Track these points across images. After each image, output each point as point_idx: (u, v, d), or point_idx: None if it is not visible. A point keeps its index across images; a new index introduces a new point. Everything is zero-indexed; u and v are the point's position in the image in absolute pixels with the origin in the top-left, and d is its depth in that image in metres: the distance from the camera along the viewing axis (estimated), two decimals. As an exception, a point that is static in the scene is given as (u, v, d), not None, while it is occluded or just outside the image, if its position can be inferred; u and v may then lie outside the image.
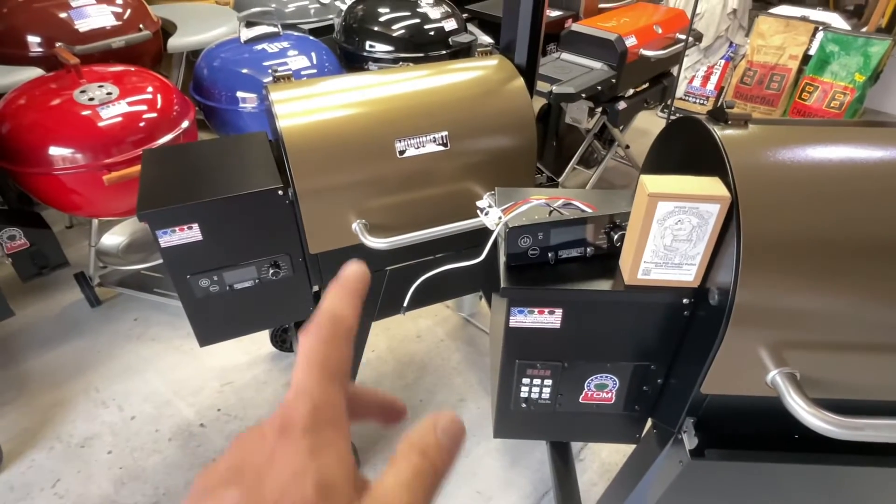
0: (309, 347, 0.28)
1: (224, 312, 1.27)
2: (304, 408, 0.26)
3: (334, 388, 0.28)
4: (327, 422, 0.26)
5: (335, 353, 0.29)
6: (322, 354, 0.28)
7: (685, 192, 0.73)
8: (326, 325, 0.29)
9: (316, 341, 0.29)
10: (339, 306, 0.31)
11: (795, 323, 0.74)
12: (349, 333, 0.30)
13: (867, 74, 3.06)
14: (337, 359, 0.28)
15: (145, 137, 1.73)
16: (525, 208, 0.90)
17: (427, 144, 1.19)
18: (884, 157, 0.76)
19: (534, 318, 0.86)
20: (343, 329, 0.30)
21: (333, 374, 0.28)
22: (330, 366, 0.28)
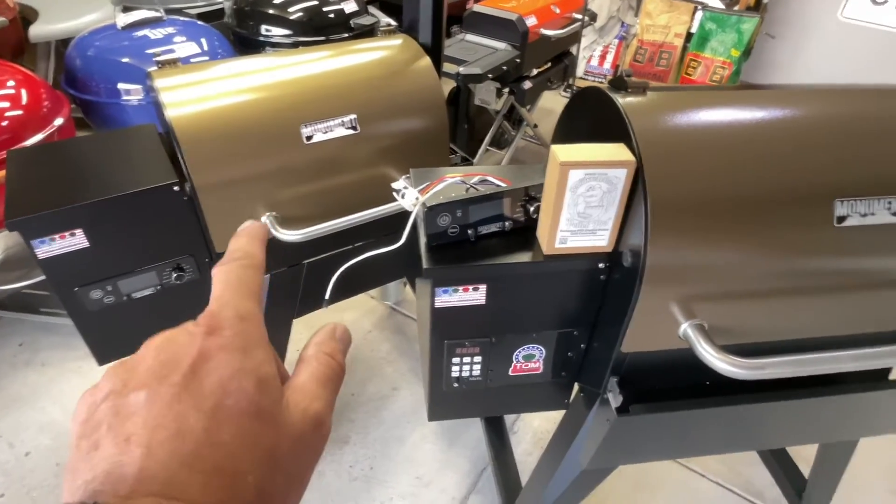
0: (226, 271, 0.31)
1: (124, 325, 1.15)
2: (229, 313, 0.28)
3: (254, 303, 0.30)
4: (252, 327, 0.28)
5: (251, 277, 0.31)
6: (238, 278, 0.30)
7: (594, 158, 0.74)
8: (238, 255, 0.32)
9: (232, 267, 0.31)
10: (246, 245, 0.33)
11: (701, 277, 0.78)
12: (260, 266, 0.32)
13: (741, 49, 3.35)
14: (253, 282, 0.31)
15: (10, 138, 1.52)
16: (441, 187, 0.89)
17: (336, 129, 1.14)
18: (770, 117, 0.82)
19: (459, 297, 0.86)
20: (255, 261, 0.32)
21: (251, 293, 0.30)
22: (247, 286, 0.30)
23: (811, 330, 0.89)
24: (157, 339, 0.27)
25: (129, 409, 0.24)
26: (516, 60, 2.18)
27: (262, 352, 0.28)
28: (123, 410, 0.24)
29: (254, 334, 0.28)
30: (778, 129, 0.81)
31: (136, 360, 0.26)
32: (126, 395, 0.24)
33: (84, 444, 0.24)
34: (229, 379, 0.25)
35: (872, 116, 0.85)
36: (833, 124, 0.83)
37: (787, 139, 0.80)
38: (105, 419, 0.24)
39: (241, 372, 0.26)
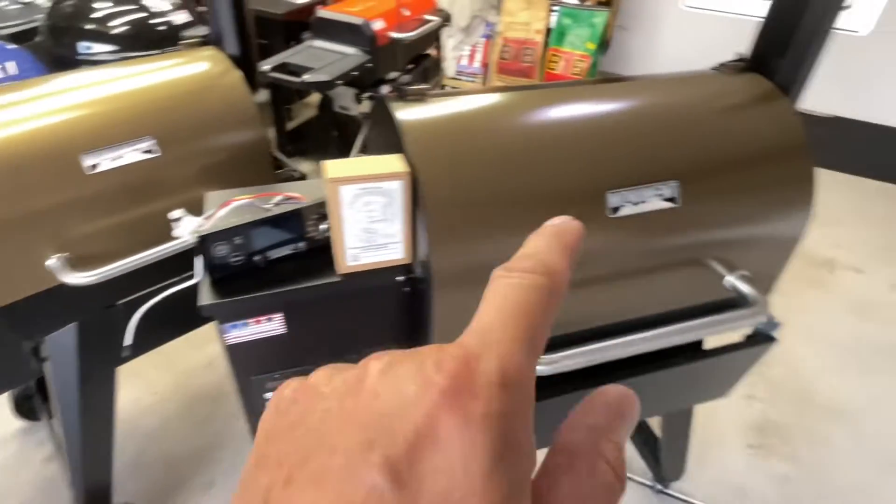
0: (507, 286, 0.21)
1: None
2: (491, 370, 0.18)
3: (530, 359, 0.20)
4: (517, 408, 0.18)
5: (539, 309, 0.21)
6: (523, 303, 0.20)
7: (365, 172, 0.72)
8: (534, 269, 0.22)
9: (519, 282, 0.21)
10: (553, 256, 0.23)
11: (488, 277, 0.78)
12: (560, 293, 0.22)
13: (596, 42, 3.54)
14: (540, 319, 0.21)
15: None
16: (225, 212, 0.82)
17: (127, 155, 1.03)
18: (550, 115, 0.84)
19: (253, 330, 0.80)
20: (556, 282, 0.22)
21: (532, 336, 0.20)
22: (530, 322, 0.20)
23: (617, 316, 0.92)
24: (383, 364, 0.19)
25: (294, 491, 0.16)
26: (368, 65, 2.15)
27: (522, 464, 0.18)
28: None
29: (517, 426, 0.18)
30: (553, 127, 0.83)
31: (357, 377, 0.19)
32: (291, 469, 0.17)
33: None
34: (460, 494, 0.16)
35: (644, 108, 0.89)
36: (605, 119, 0.86)
37: (561, 136, 0.82)
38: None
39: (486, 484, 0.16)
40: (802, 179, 0.91)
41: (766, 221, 0.91)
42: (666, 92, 0.93)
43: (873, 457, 1.73)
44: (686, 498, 1.60)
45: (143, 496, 1.50)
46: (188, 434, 1.69)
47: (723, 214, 0.87)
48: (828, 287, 2.37)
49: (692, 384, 1.13)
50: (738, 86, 0.95)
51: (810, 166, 0.90)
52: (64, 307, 1.09)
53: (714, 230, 0.87)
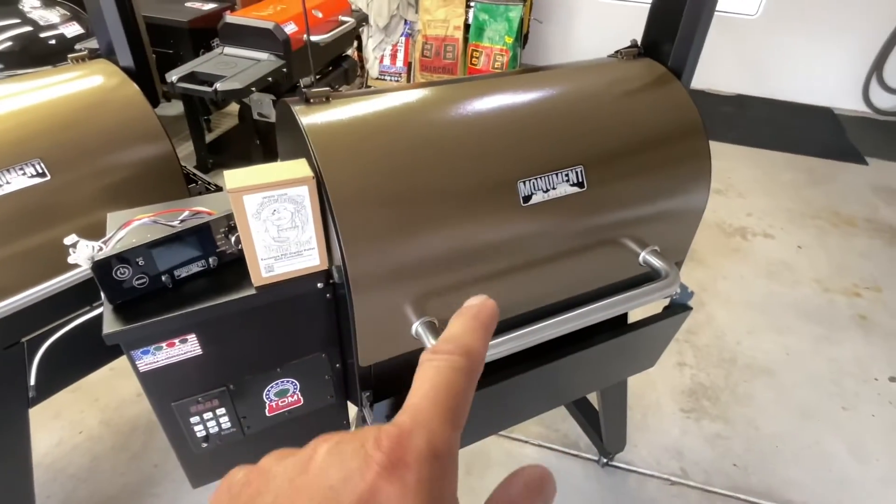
0: (435, 370, 0.24)
1: None
2: (421, 445, 0.21)
3: (455, 433, 0.23)
4: (444, 475, 0.21)
5: (461, 389, 0.24)
6: (448, 385, 0.23)
7: (266, 180, 0.70)
8: (456, 352, 0.24)
9: (444, 366, 0.24)
10: (472, 338, 0.25)
11: (411, 275, 0.78)
12: (478, 371, 0.25)
13: (514, 36, 3.61)
14: (462, 398, 0.23)
15: None
16: (124, 233, 0.78)
17: (14, 180, 0.96)
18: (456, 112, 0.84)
19: (166, 354, 0.76)
20: (474, 362, 0.25)
21: (456, 414, 0.23)
22: (454, 402, 0.23)
23: (542, 300, 0.94)
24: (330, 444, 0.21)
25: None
26: (283, 70, 2.09)
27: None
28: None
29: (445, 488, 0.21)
30: (461, 121, 0.83)
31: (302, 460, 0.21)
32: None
33: None
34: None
35: (547, 98, 0.92)
36: (511, 111, 0.88)
37: (469, 129, 0.83)
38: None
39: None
40: (699, 155, 0.96)
41: (670, 197, 0.96)
42: (568, 80, 0.96)
43: (792, 405, 1.87)
44: (630, 467, 1.67)
45: None
46: (122, 470, 1.59)
47: (628, 194, 0.91)
48: (743, 253, 2.54)
49: (622, 357, 1.18)
50: (634, 71, 0.99)
51: (705, 142, 0.96)
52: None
53: (622, 210, 0.91)
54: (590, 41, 4.29)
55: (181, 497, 1.54)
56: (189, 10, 2.34)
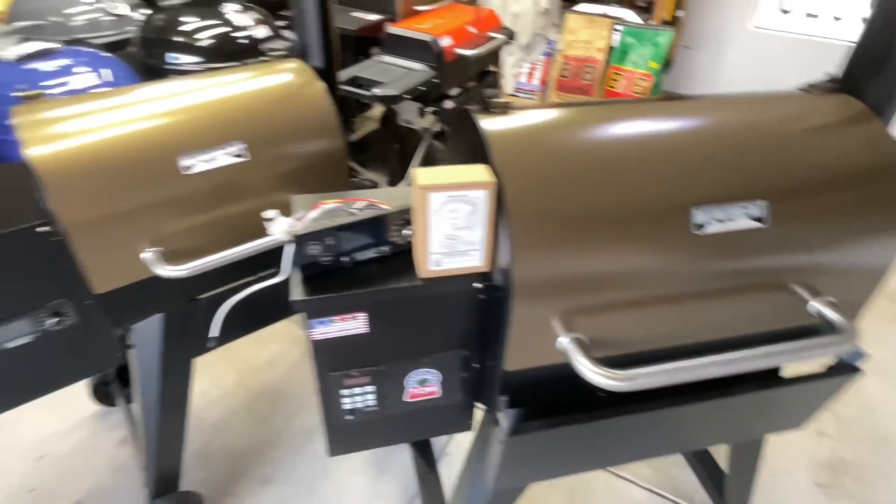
0: None
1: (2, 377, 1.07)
2: None
3: None
4: None
5: None
6: None
7: (453, 181, 0.74)
8: None
9: None
10: None
11: (570, 291, 0.79)
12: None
13: (660, 62, 3.49)
14: None
15: None
16: (316, 214, 0.86)
17: (220, 158, 1.10)
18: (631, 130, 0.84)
19: (338, 327, 0.83)
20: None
21: None
22: None
23: (694, 336, 0.90)
24: None
25: None
26: (434, 80, 2.20)
27: None
28: None
29: None
30: (638, 142, 0.83)
31: None
32: None
33: None
34: None
35: (731, 125, 0.88)
36: (691, 135, 0.86)
37: (646, 151, 0.82)
38: None
39: None
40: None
41: (857, 245, 0.88)
42: (754, 110, 0.92)
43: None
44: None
45: (206, 486, 1.57)
46: (249, 429, 1.75)
47: (811, 237, 0.85)
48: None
49: (767, 412, 1.09)
50: (830, 106, 0.92)
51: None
52: (152, 298, 1.16)
53: (801, 253, 0.85)
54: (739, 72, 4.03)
55: (297, 463, 1.66)
56: (356, 19, 2.55)
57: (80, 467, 1.63)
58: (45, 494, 1.55)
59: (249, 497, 1.56)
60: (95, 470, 1.62)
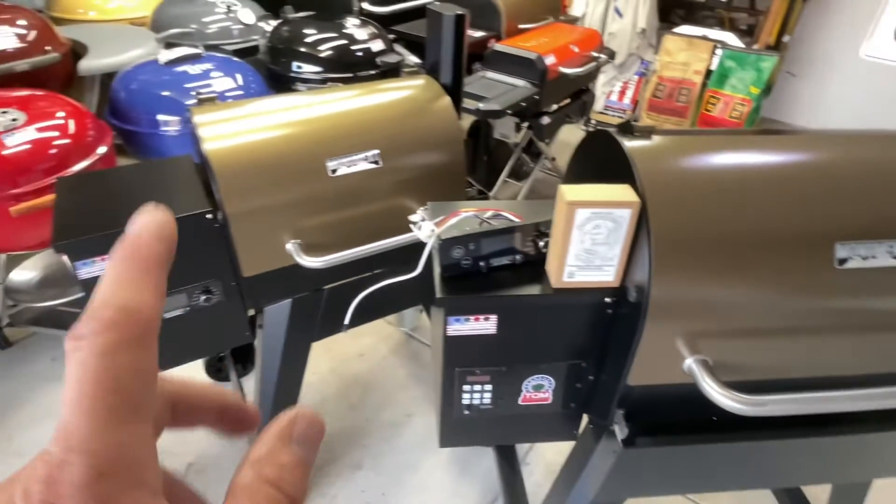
0: (79, 366, 0.18)
1: (153, 344, 1.21)
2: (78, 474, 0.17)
3: (128, 431, 0.18)
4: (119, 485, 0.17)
5: (125, 370, 0.18)
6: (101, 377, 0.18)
7: (600, 199, 0.79)
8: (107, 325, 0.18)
9: (91, 354, 0.18)
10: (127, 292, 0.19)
11: (704, 314, 0.81)
12: (148, 333, 0.19)
13: (761, 87, 3.38)
14: (129, 380, 0.18)
15: (57, 165, 1.63)
16: (455, 220, 0.94)
17: (359, 163, 1.21)
18: (773, 162, 0.86)
19: (470, 326, 0.90)
20: (137, 328, 0.19)
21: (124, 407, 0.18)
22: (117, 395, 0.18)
23: (818, 369, 0.90)
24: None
25: None
26: (535, 97, 2.26)
27: None
28: None
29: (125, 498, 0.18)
30: (781, 173, 0.85)
31: None
32: None
33: None
34: None
35: (877, 161, 0.88)
36: (837, 168, 0.86)
37: (789, 182, 0.83)
38: None
39: None
40: None
41: None
42: None
43: None
44: (844, 586, 1.45)
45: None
46: (341, 415, 1.86)
47: (960, 281, 0.82)
48: None
49: (883, 455, 1.05)
50: None
51: None
52: (285, 285, 1.28)
53: (948, 296, 0.83)
54: (846, 103, 3.82)
55: (385, 453, 1.74)
56: (461, 35, 2.65)
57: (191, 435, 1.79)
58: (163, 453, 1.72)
59: (342, 480, 1.65)
60: (205, 436, 1.77)
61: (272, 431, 0.21)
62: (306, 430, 0.22)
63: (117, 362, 0.18)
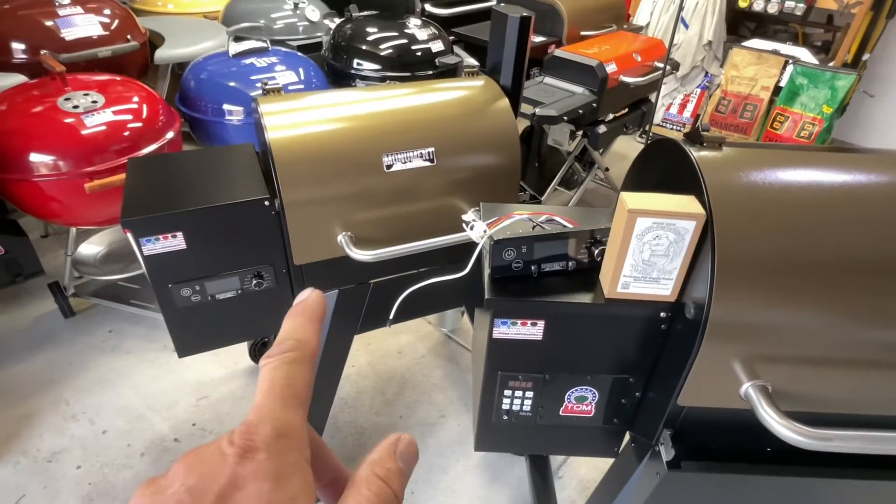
0: (271, 370, 0.28)
1: (205, 323, 1.25)
2: (267, 431, 0.25)
3: (297, 413, 0.27)
4: (291, 447, 0.25)
5: (298, 377, 0.28)
6: (284, 378, 0.27)
7: (663, 208, 0.76)
8: (289, 348, 0.29)
9: (278, 364, 0.28)
10: (300, 331, 0.30)
11: (767, 337, 0.77)
12: (312, 358, 0.29)
13: (834, 107, 3.20)
14: (300, 383, 0.28)
15: (129, 147, 1.72)
16: (509, 223, 0.92)
17: (414, 160, 1.21)
18: (852, 182, 0.81)
19: (517, 330, 0.88)
20: (307, 351, 0.29)
21: (295, 398, 0.27)
22: (292, 390, 0.27)
23: (883, 407, 0.84)
24: (189, 458, 0.24)
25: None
26: (592, 105, 2.21)
27: (298, 481, 0.25)
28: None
29: (292, 457, 0.25)
30: (855, 195, 0.79)
31: (165, 483, 0.24)
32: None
33: None
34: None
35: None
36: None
37: (863, 205, 0.78)
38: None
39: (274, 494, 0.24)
40: None
41: None
42: None
43: None
44: None
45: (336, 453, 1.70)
46: (376, 410, 1.87)
47: None
48: None
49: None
50: None
51: None
52: (333, 276, 1.30)
53: None
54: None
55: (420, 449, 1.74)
56: (520, 40, 2.63)
57: (232, 412, 1.84)
58: (205, 430, 1.78)
59: (373, 473, 1.66)
60: (243, 417, 1.82)
61: (383, 444, 0.29)
62: (406, 448, 0.29)
63: (294, 371, 0.28)
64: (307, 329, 0.30)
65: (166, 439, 1.75)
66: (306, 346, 0.29)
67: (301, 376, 0.28)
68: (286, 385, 0.27)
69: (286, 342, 0.29)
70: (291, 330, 0.30)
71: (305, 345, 0.29)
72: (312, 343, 0.30)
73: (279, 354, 0.28)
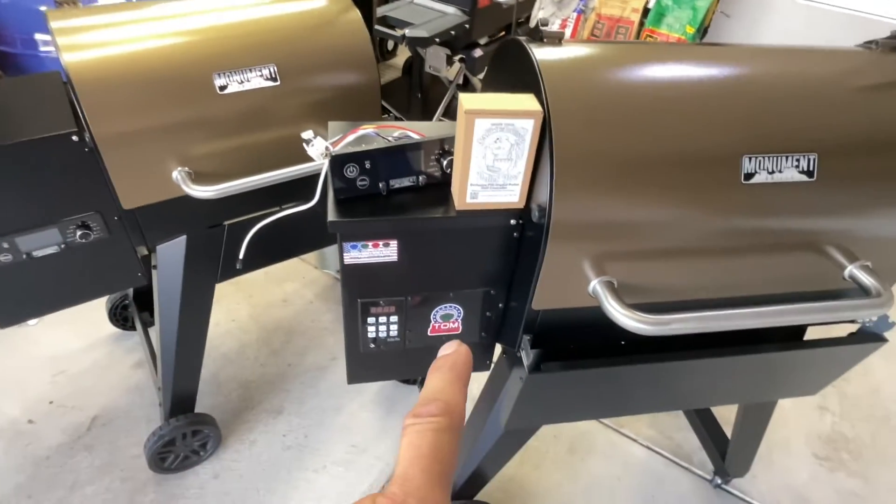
0: (418, 435, 0.26)
1: (26, 286, 1.08)
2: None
3: (444, 494, 0.25)
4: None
5: (447, 448, 0.26)
6: (431, 448, 0.26)
7: (500, 108, 0.72)
8: (437, 412, 0.27)
9: (425, 430, 0.26)
10: (449, 392, 0.28)
11: (609, 234, 0.77)
12: (460, 426, 0.28)
13: (696, 26, 3.37)
14: (448, 457, 0.26)
15: None
16: (353, 137, 0.85)
17: (253, 79, 1.08)
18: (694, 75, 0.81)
19: (369, 253, 0.83)
20: (454, 420, 0.27)
21: (444, 477, 0.26)
22: (440, 466, 0.26)
23: (725, 290, 0.90)
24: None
25: None
26: (465, 26, 2.14)
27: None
28: None
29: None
30: (689, 86, 0.80)
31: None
32: None
33: None
34: None
35: (787, 75, 0.85)
36: (746, 82, 0.82)
37: (697, 95, 0.79)
38: None
39: None
40: (951, 170, 0.84)
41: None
42: (814, 61, 0.88)
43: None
44: (744, 497, 1.56)
45: (219, 411, 1.61)
46: (262, 361, 1.78)
47: (858, 197, 0.83)
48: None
49: (787, 374, 1.09)
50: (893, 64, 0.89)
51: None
52: (177, 220, 1.17)
53: (846, 214, 0.83)
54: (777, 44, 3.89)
55: (308, 398, 1.69)
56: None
57: (97, 384, 1.67)
58: (65, 406, 1.60)
59: (261, 425, 1.60)
60: (112, 388, 1.66)
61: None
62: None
63: (442, 441, 0.26)
64: (455, 390, 0.29)
65: (19, 422, 1.55)
66: (455, 411, 0.28)
67: (449, 447, 0.27)
68: (434, 459, 0.26)
69: (434, 404, 0.28)
70: (439, 390, 0.29)
71: (454, 410, 0.28)
72: (461, 407, 0.29)
73: (427, 417, 0.27)
